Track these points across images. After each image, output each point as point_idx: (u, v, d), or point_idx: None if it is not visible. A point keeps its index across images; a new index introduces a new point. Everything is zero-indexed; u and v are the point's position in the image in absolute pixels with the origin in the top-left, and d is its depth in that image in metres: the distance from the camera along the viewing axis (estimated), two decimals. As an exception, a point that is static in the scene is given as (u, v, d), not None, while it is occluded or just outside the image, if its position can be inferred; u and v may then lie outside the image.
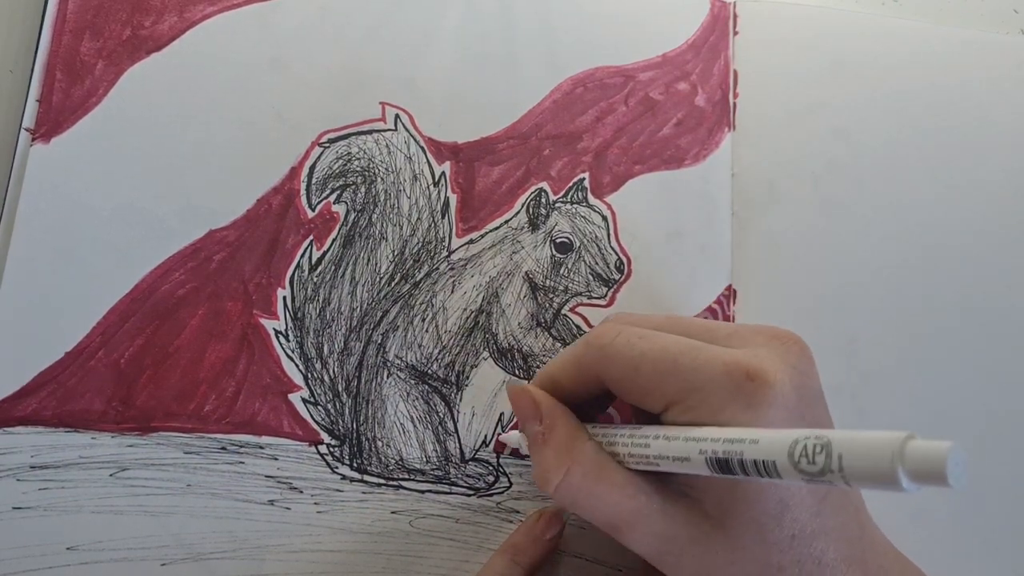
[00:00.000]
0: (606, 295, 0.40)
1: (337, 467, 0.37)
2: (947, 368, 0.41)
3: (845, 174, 0.43)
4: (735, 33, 0.44)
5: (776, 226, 0.42)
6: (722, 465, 0.26)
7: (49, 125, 0.37)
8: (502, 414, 0.38)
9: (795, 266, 0.41)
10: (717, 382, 0.28)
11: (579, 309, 0.40)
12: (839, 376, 0.40)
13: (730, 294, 0.41)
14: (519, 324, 0.39)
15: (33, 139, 0.37)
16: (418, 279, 0.39)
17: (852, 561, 0.30)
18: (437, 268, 0.39)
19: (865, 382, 0.40)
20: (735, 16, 0.44)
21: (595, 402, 0.34)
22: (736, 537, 0.29)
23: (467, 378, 0.39)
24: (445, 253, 0.40)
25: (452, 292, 0.39)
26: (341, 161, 0.40)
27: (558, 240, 0.40)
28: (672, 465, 0.28)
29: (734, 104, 0.43)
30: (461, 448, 0.38)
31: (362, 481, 0.37)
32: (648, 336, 0.30)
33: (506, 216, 0.41)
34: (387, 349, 0.38)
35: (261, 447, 0.36)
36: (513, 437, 0.37)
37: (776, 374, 0.28)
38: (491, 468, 0.38)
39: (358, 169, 0.40)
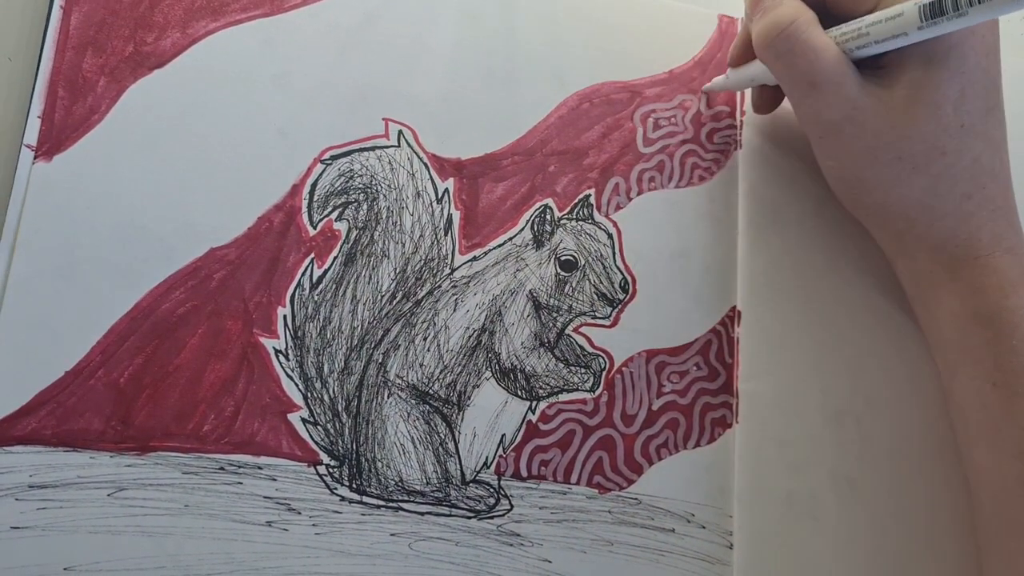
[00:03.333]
0: (610, 315, 0.40)
1: (336, 488, 0.36)
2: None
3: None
4: None
5: (783, 246, 0.41)
6: (934, 7, 0.31)
7: (51, 143, 0.37)
8: (504, 435, 0.38)
9: (801, 287, 0.40)
10: None
11: (583, 329, 0.39)
12: (844, 400, 0.40)
13: (735, 315, 0.40)
14: (522, 344, 0.39)
15: (35, 157, 0.37)
16: (420, 297, 0.39)
17: (998, 175, 0.36)
18: (439, 286, 0.39)
19: (869, 406, 0.40)
20: (743, 31, 0.44)
21: None
22: (916, 113, 0.34)
23: (469, 398, 0.38)
24: (448, 271, 0.39)
25: (455, 310, 0.39)
26: (343, 178, 0.39)
27: (562, 258, 0.40)
28: (884, 28, 0.33)
29: (741, 122, 0.43)
30: (462, 469, 0.37)
31: (361, 503, 0.36)
32: None
33: (510, 233, 0.40)
34: (388, 368, 0.38)
35: (259, 467, 0.36)
36: (719, 80, 0.42)
37: None
38: (492, 490, 0.37)
39: (360, 186, 0.39)
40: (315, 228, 0.39)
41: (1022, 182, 0.37)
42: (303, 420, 0.37)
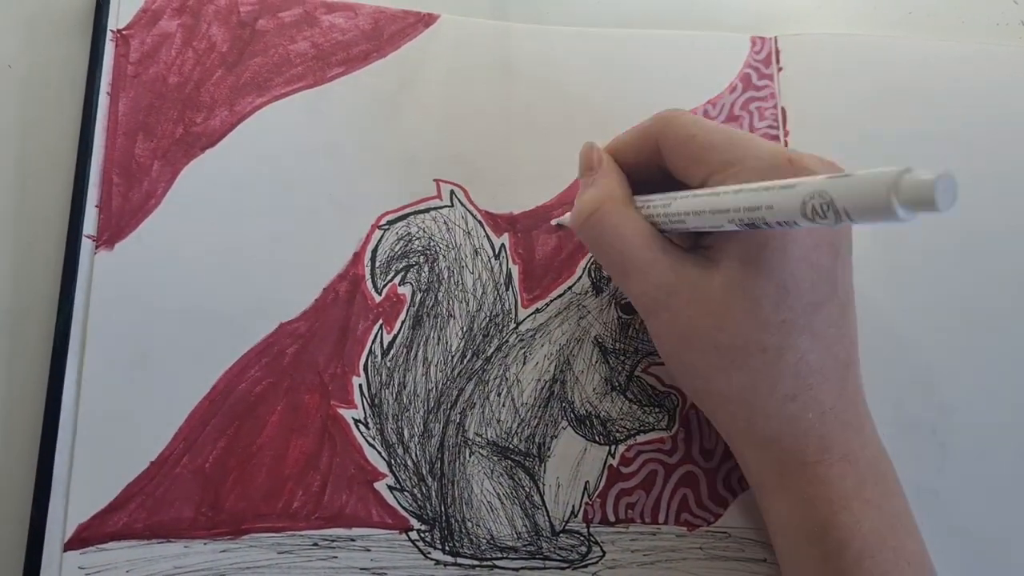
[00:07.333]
0: (676, 353, 0.40)
1: (430, 552, 0.36)
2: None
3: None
4: (779, 69, 0.44)
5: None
6: (748, 226, 0.29)
7: (111, 231, 0.37)
8: (587, 483, 0.38)
9: (861, 303, 0.40)
10: (761, 158, 0.31)
11: (652, 369, 0.40)
12: (917, 410, 0.40)
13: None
14: (594, 390, 0.39)
15: (96, 246, 0.37)
16: (489, 354, 0.39)
17: (828, 376, 0.32)
18: (507, 341, 0.39)
19: (943, 415, 0.40)
20: (777, 51, 0.44)
21: (647, 184, 0.36)
22: (731, 304, 0.31)
23: (548, 449, 0.38)
24: (513, 325, 0.40)
25: (524, 364, 0.39)
26: (402, 242, 0.40)
27: (623, 301, 0.40)
28: (697, 220, 0.31)
29: (785, 143, 0.43)
30: (550, 520, 0.38)
31: (456, 564, 0.37)
32: (710, 122, 0.34)
33: (569, 282, 0.41)
34: (467, 427, 0.38)
35: (352, 539, 0.36)
36: (567, 217, 0.40)
37: (815, 166, 0.31)
38: (582, 539, 0.38)
39: (419, 248, 0.40)
40: (380, 294, 0.39)
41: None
42: (389, 487, 0.37)
